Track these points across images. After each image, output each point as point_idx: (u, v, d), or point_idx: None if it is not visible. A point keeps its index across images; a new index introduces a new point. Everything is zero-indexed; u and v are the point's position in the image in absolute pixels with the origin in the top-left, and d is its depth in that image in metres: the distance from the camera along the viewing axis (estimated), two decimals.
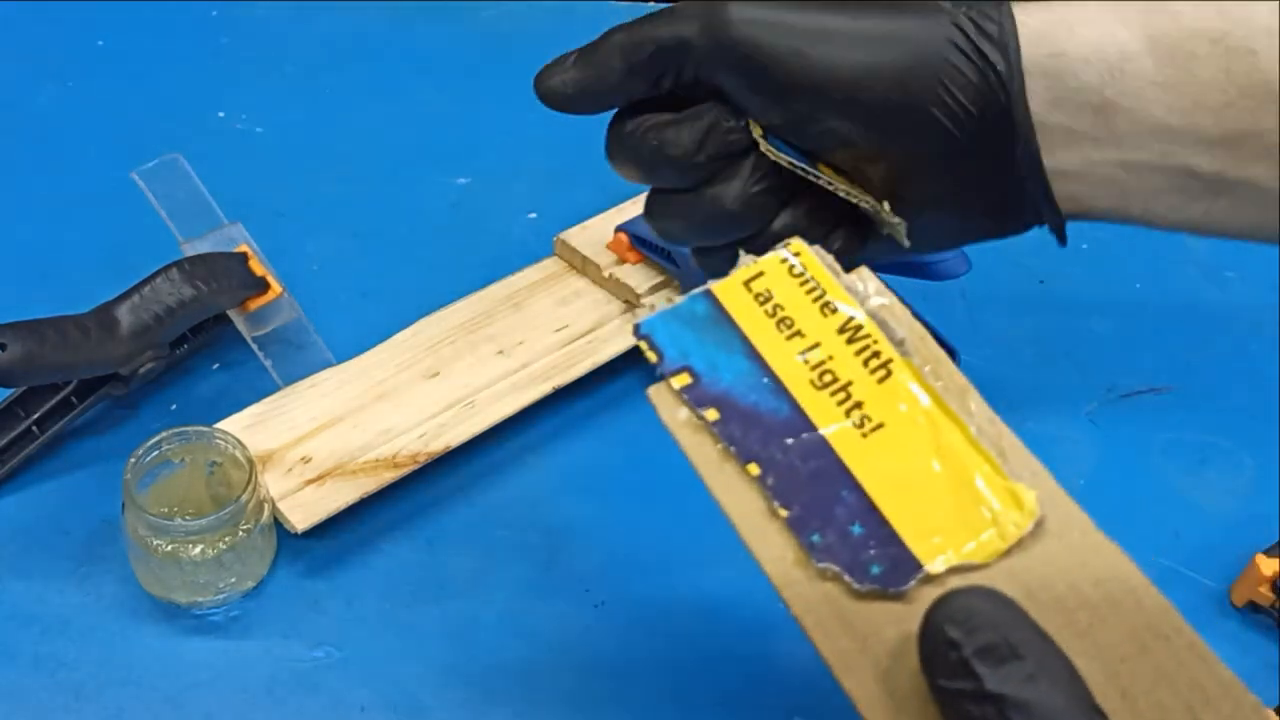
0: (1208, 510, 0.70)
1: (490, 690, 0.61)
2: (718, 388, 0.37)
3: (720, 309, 0.39)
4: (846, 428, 0.36)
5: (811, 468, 0.35)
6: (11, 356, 0.62)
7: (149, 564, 0.61)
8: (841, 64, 0.43)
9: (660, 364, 0.38)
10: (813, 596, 0.34)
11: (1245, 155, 0.39)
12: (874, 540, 0.34)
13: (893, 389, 0.37)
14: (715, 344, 0.38)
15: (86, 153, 0.85)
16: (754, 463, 0.36)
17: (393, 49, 0.95)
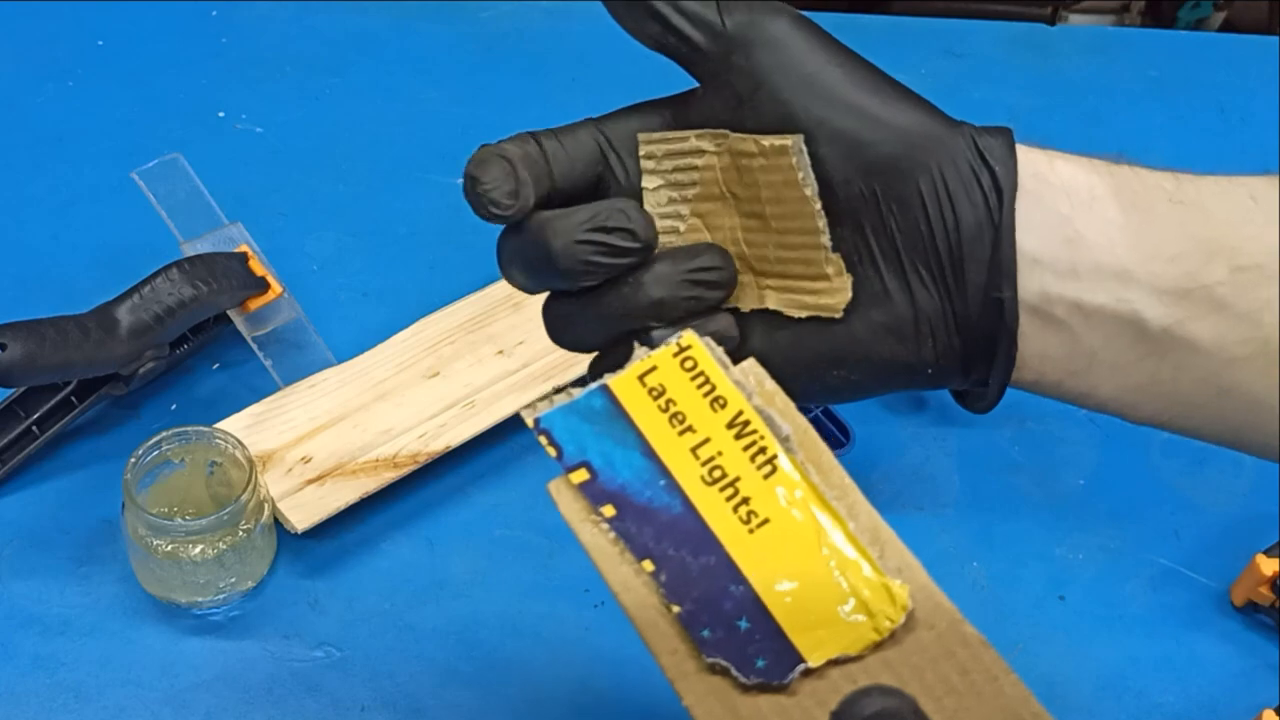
0: (1208, 510, 0.70)
1: (490, 690, 0.61)
2: (614, 484, 0.38)
3: (616, 404, 0.39)
4: (734, 524, 0.37)
5: (701, 564, 0.37)
6: (11, 356, 0.62)
7: (149, 564, 0.61)
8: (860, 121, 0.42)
9: (560, 459, 0.39)
10: (703, 689, 0.35)
11: (1192, 309, 0.41)
12: (759, 634, 0.35)
13: (776, 484, 0.38)
14: (612, 440, 0.39)
15: (86, 153, 0.85)
16: (648, 559, 0.37)
17: (393, 49, 0.95)
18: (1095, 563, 0.68)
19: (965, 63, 0.96)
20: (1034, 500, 0.70)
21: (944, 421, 0.73)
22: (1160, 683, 0.63)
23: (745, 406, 0.39)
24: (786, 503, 0.38)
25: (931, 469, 0.71)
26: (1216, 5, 1.66)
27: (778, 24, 0.43)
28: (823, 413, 0.69)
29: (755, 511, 0.37)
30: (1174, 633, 0.65)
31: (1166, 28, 1.64)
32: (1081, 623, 0.65)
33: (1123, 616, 0.65)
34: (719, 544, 0.37)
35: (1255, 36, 1.04)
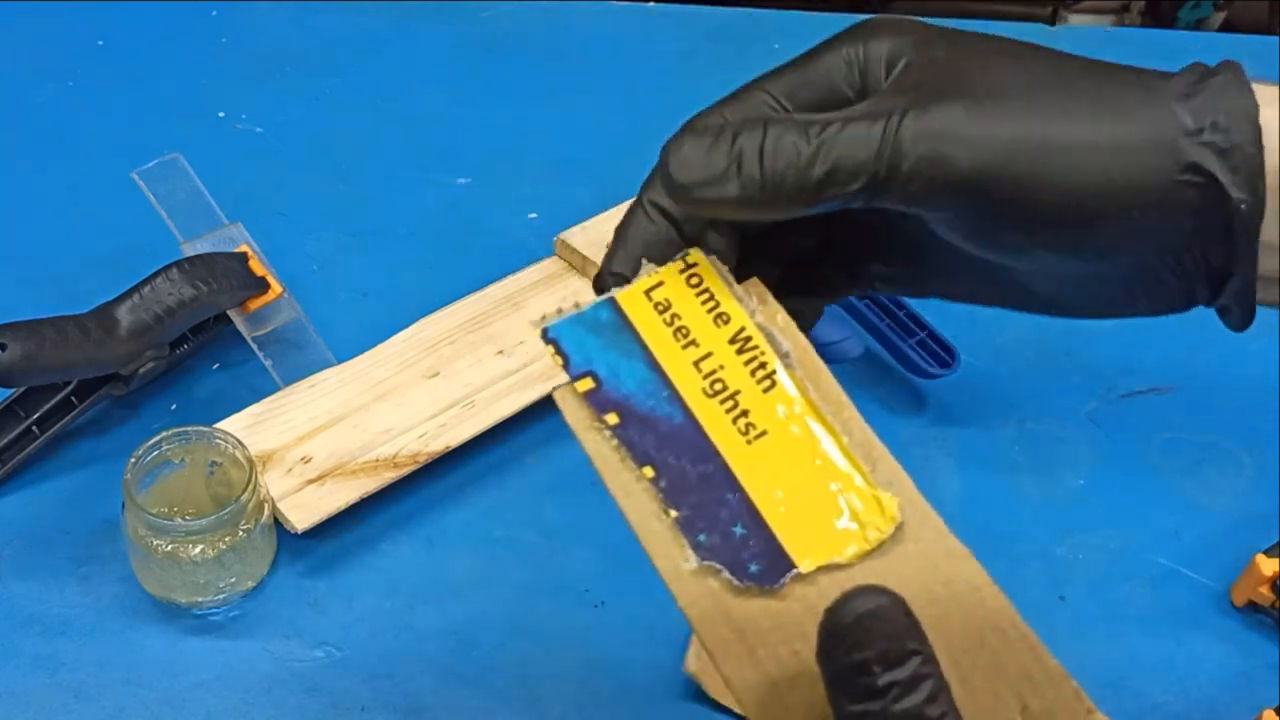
0: (1208, 510, 0.70)
1: (490, 690, 0.61)
2: (618, 394, 0.40)
3: (623, 316, 0.41)
4: (733, 435, 0.39)
5: (700, 471, 0.38)
6: (11, 356, 0.62)
7: (149, 564, 0.61)
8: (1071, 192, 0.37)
9: (566, 367, 0.40)
10: (697, 591, 0.37)
11: None
12: (753, 540, 0.37)
13: (775, 399, 0.39)
14: (617, 351, 0.40)
15: (86, 153, 0.85)
16: (649, 465, 0.39)
17: (393, 49, 0.95)
18: (1095, 563, 0.68)
19: None
20: (1034, 500, 0.70)
21: (944, 421, 0.73)
22: (1160, 683, 0.63)
23: (747, 323, 0.40)
24: (784, 416, 0.39)
25: (931, 469, 0.71)
26: (1216, 5, 1.66)
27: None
28: (928, 335, 0.71)
29: (754, 424, 0.39)
30: (1174, 633, 0.65)
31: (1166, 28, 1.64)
32: (1081, 623, 0.65)
33: (1123, 616, 0.65)
34: (717, 453, 0.38)
35: (1255, 36, 1.04)
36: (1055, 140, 0.37)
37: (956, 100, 0.37)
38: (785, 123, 0.38)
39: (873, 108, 0.38)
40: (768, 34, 0.99)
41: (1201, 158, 0.37)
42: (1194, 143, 0.37)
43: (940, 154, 0.37)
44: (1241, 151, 0.37)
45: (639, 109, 0.91)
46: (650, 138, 0.53)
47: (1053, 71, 0.39)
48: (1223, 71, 0.38)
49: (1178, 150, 0.37)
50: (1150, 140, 0.37)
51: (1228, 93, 0.37)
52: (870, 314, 0.73)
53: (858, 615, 0.33)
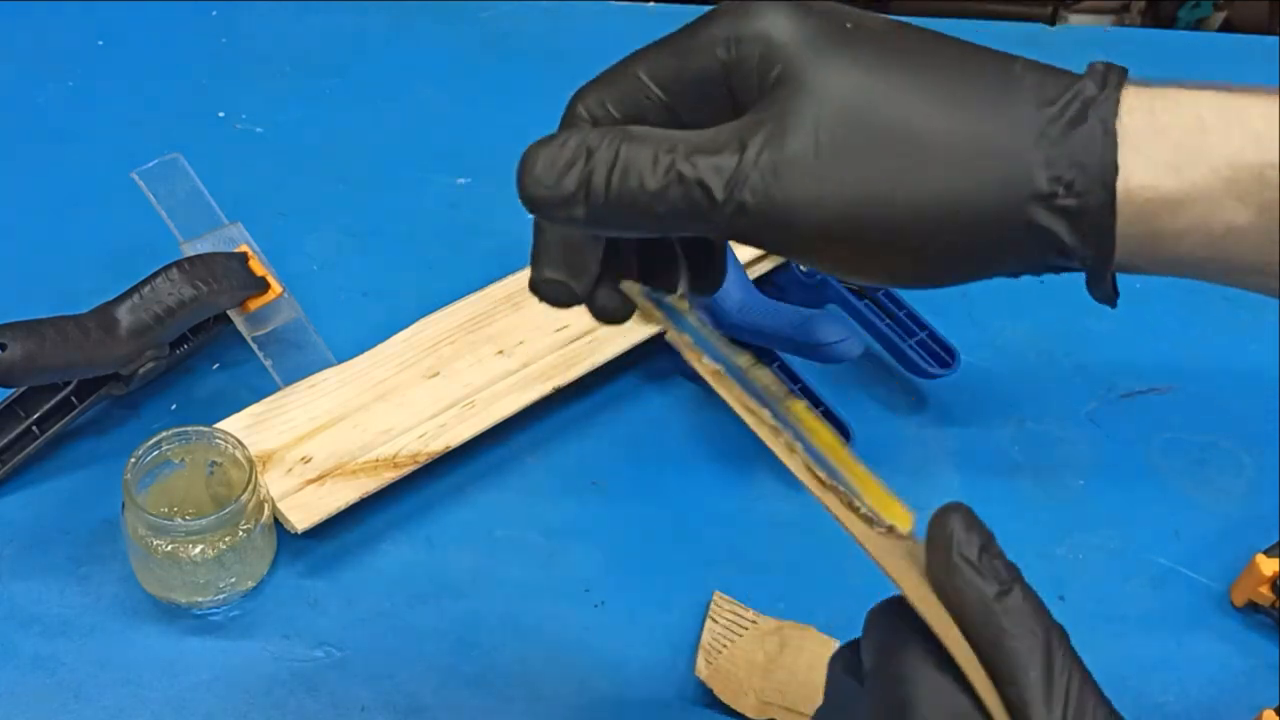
0: (1208, 510, 0.70)
1: (490, 690, 0.61)
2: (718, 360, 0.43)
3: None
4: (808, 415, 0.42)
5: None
6: (11, 356, 0.62)
7: (149, 564, 0.61)
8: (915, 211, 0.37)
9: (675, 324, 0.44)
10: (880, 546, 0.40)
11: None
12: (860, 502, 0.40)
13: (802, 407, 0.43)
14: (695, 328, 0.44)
15: (86, 153, 0.85)
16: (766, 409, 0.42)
17: (393, 49, 0.95)
18: (1095, 563, 0.68)
19: None
20: (1034, 500, 0.70)
21: (944, 421, 0.73)
22: (1160, 683, 0.63)
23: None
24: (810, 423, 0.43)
25: (931, 469, 0.71)
26: (1216, 5, 1.66)
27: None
28: (928, 336, 0.73)
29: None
30: (1174, 633, 0.65)
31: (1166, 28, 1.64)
32: (1081, 623, 0.64)
33: (1123, 616, 0.65)
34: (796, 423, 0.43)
35: (1255, 36, 1.04)
36: (901, 202, 0.37)
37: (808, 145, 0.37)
38: (640, 143, 0.38)
39: (727, 138, 0.38)
40: None
41: (1050, 223, 0.37)
42: (1043, 207, 0.37)
43: (785, 209, 0.37)
44: (1091, 216, 0.37)
45: None
46: None
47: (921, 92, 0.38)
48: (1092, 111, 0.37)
49: (1027, 213, 0.37)
50: (999, 203, 0.37)
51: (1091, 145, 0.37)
52: (870, 314, 0.73)
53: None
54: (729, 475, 0.70)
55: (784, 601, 0.63)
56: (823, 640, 0.61)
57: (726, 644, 0.61)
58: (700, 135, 0.38)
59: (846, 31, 0.39)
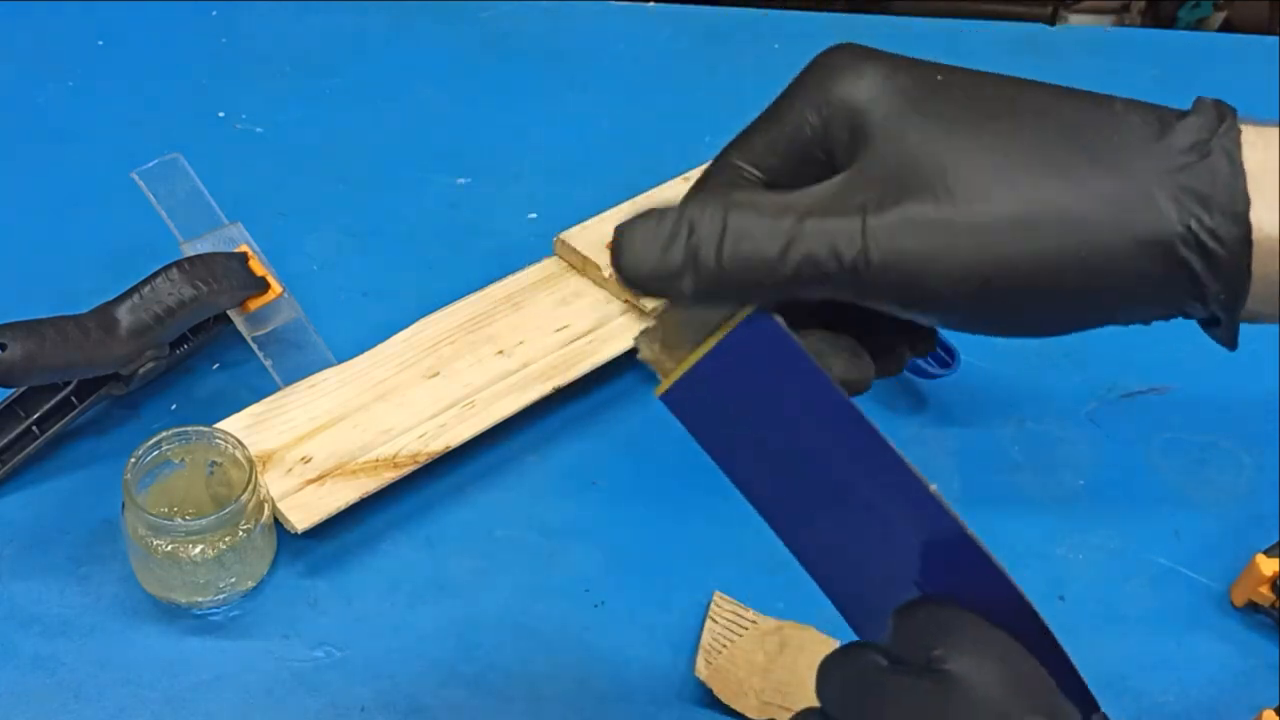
0: (1208, 510, 0.70)
1: (490, 690, 0.61)
2: None
3: None
4: None
5: None
6: (11, 356, 0.62)
7: (149, 564, 0.61)
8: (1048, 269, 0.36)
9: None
10: None
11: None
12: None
13: None
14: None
15: (86, 153, 0.85)
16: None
17: (393, 49, 0.95)
18: (1095, 563, 0.68)
19: (965, 63, 0.96)
20: (1034, 500, 0.70)
21: (944, 421, 0.73)
22: (1160, 683, 0.63)
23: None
24: None
25: (931, 469, 0.70)
26: (1216, 5, 1.66)
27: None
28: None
29: None
30: (1174, 633, 0.65)
31: (1166, 28, 1.64)
32: (1081, 623, 0.65)
33: (1123, 616, 0.65)
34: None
35: (1255, 36, 1.04)
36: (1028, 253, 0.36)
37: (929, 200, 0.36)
38: (747, 209, 0.37)
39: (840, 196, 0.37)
40: (768, 34, 0.99)
41: (1184, 259, 0.36)
42: (1176, 242, 0.36)
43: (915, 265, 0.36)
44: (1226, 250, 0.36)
45: (639, 109, 0.91)
46: (650, 138, 0.53)
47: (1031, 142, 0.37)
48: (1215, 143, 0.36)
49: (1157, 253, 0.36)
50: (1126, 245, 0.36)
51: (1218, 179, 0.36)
52: None
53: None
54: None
55: (784, 601, 0.63)
56: (823, 640, 0.61)
57: (726, 644, 0.61)
58: (806, 195, 0.37)
59: (939, 83, 0.38)
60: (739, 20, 1.01)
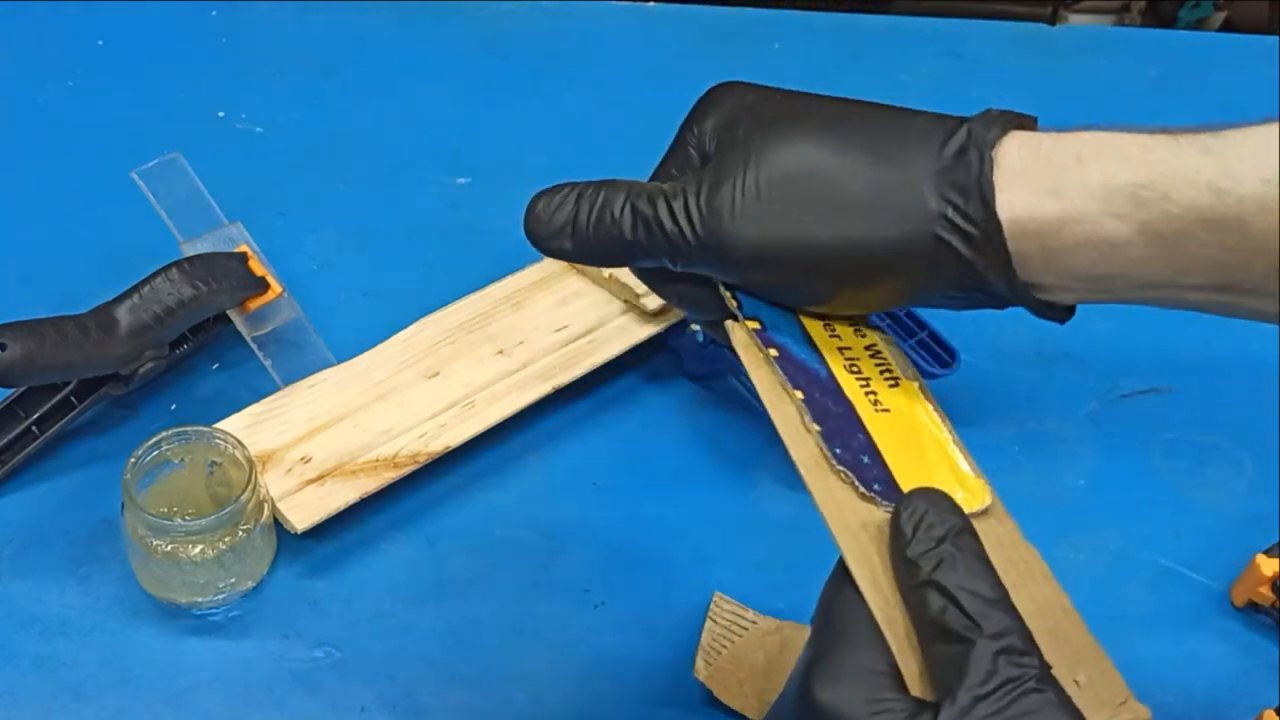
0: (1208, 510, 0.70)
1: (490, 690, 0.61)
2: (778, 339, 0.47)
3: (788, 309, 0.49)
4: (865, 401, 0.46)
5: (838, 410, 0.46)
6: (11, 356, 0.62)
7: (149, 564, 0.61)
8: (829, 246, 0.44)
9: (739, 309, 0.47)
10: (828, 485, 0.43)
11: (1239, 292, 0.43)
12: (876, 470, 0.44)
13: (900, 393, 0.47)
14: (779, 315, 0.48)
15: (86, 153, 0.85)
16: (799, 391, 0.46)
17: (393, 49, 0.95)
18: (1095, 563, 0.68)
19: (965, 63, 0.96)
20: (1034, 500, 0.70)
21: None
22: (1160, 683, 0.63)
23: (880, 342, 0.49)
24: (905, 404, 0.47)
25: None
26: (1216, 5, 1.66)
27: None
28: (928, 335, 0.72)
29: (880, 401, 0.47)
30: (1174, 633, 0.65)
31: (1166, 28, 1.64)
32: None
33: (1123, 616, 0.65)
34: (852, 406, 0.46)
35: (1255, 36, 1.04)
36: (817, 236, 0.44)
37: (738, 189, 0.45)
38: (615, 188, 0.47)
39: (680, 186, 0.46)
40: (768, 34, 0.99)
41: (946, 238, 0.43)
42: (938, 227, 0.43)
43: (719, 240, 0.45)
44: (980, 228, 0.43)
45: (639, 109, 0.91)
46: (650, 138, 0.53)
47: (832, 146, 0.45)
48: (972, 145, 0.43)
49: (925, 234, 0.43)
50: (901, 229, 0.43)
51: (970, 170, 0.43)
52: (870, 314, 0.73)
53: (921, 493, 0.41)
54: (729, 475, 0.70)
55: (784, 601, 0.63)
56: None
57: (726, 644, 0.61)
58: (663, 184, 0.46)
59: (778, 101, 0.47)
60: (739, 20, 1.01)
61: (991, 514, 0.44)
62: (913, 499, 0.41)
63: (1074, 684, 0.40)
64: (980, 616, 0.38)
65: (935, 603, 0.39)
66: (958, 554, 0.39)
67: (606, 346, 0.71)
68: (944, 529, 0.40)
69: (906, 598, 0.40)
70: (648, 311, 0.72)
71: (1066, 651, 0.41)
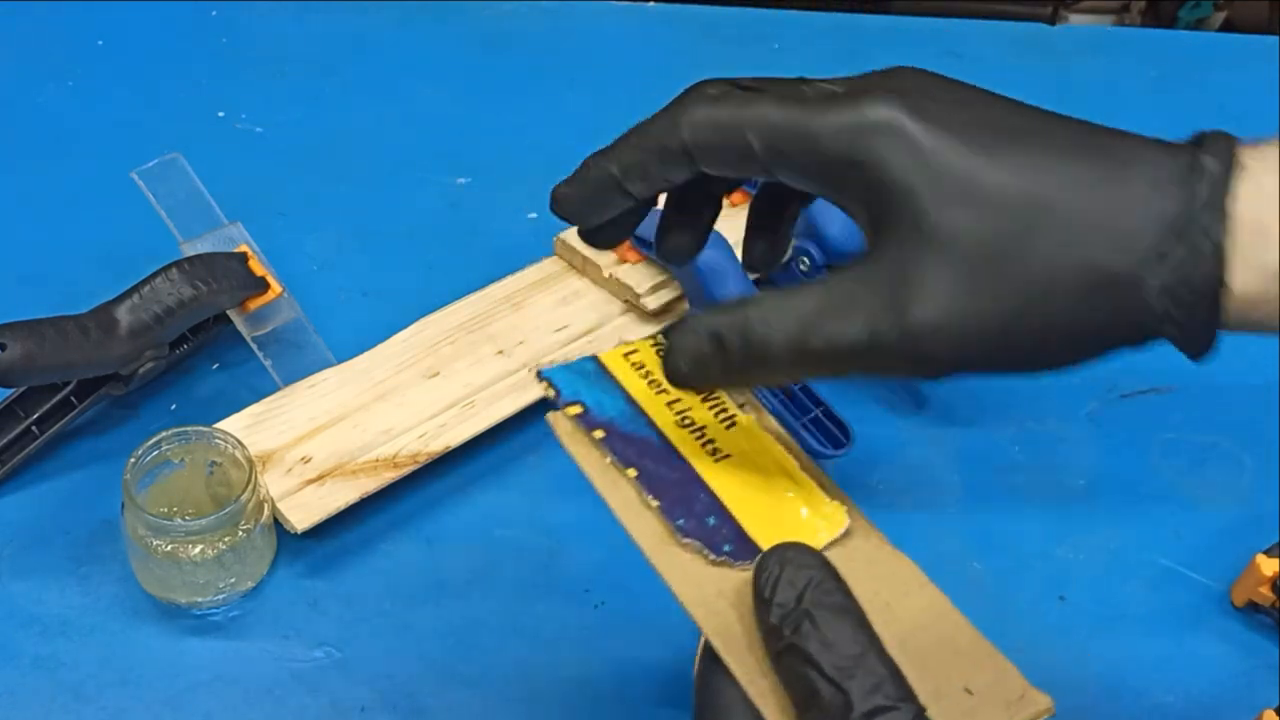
0: (1208, 510, 0.70)
1: (490, 690, 0.61)
2: (603, 418, 0.46)
3: (605, 370, 0.48)
4: (702, 454, 0.45)
5: (676, 476, 0.45)
6: (11, 356, 0.62)
7: (149, 564, 0.61)
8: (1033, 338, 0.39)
9: (557, 398, 0.47)
10: (676, 560, 0.43)
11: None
12: (724, 529, 0.43)
13: (739, 433, 0.46)
14: (601, 390, 0.47)
15: (86, 153, 0.85)
16: (632, 468, 0.45)
17: (393, 49, 0.95)
18: (1095, 563, 0.68)
19: (965, 63, 0.96)
20: (1034, 500, 0.70)
21: (944, 422, 0.73)
22: (1160, 683, 0.63)
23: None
24: (745, 444, 0.46)
25: (931, 469, 0.71)
26: (1216, 5, 1.66)
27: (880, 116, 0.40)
28: (823, 413, 0.69)
29: (719, 448, 0.46)
30: (1174, 633, 0.65)
31: (1166, 28, 1.64)
32: (1081, 623, 0.65)
33: (1123, 616, 0.65)
34: (690, 466, 0.45)
35: (1255, 36, 1.04)
36: (1030, 333, 0.38)
37: (941, 304, 0.38)
38: (768, 328, 0.40)
39: (856, 301, 0.39)
40: (768, 34, 0.99)
41: (1160, 332, 0.38)
42: (1153, 323, 0.38)
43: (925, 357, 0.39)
44: (1197, 327, 0.38)
45: (639, 109, 0.91)
46: None
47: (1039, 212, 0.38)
48: (1196, 226, 0.37)
49: (1141, 330, 0.38)
50: (1116, 328, 0.38)
51: (1197, 266, 0.37)
52: None
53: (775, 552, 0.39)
54: None
55: None
56: None
57: None
58: (826, 298, 0.39)
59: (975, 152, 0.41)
60: (739, 20, 1.01)
61: (855, 534, 0.43)
62: (766, 561, 0.39)
63: (965, 694, 0.39)
64: (845, 677, 0.36)
65: (800, 669, 0.37)
66: (816, 612, 0.38)
67: (607, 346, 0.71)
68: (801, 584, 0.38)
69: (775, 666, 0.39)
70: (648, 311, 0.72)
71: (955, 660, 0.40)
